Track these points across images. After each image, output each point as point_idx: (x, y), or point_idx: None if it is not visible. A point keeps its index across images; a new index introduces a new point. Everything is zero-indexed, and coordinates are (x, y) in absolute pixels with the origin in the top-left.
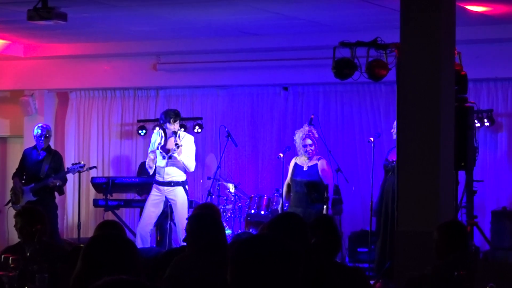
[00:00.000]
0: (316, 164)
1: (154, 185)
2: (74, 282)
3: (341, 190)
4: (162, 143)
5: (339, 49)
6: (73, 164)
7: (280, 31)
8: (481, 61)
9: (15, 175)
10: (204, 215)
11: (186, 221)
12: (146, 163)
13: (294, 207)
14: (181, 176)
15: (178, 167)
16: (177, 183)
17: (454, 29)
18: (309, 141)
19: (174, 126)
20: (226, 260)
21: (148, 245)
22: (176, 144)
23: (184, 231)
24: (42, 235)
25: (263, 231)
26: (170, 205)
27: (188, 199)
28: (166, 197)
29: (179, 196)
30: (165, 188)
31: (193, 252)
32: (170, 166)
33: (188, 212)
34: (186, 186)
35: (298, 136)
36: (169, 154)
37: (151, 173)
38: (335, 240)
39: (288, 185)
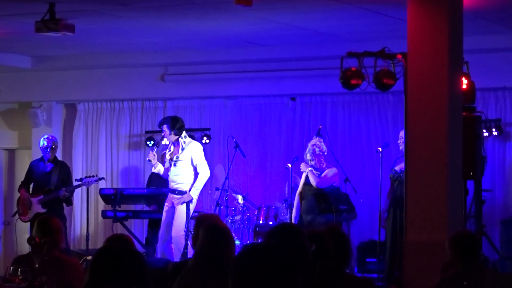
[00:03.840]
0: (325, 174)
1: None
2: None
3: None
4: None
5: (347, 59)
6: (86, 177)
7: (287, 42)
8: (489, 70)
9: (21, 187)
10: (209, 227)
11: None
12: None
13: (304, 215)
14: (186, 185)
15: (183, 175)
16: (181, 192)
17: (462, 38)
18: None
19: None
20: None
21: (166, 253)
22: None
23: (183, 241)
24: (53, 248)
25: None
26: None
27: (188, 211)
28: (172, 204)
29: (180, 206)
30: (172, 195)
31: (197, 264)
32: (174, 174)
33: (187, 224)
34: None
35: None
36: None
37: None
38: (345, 250)
39: (300, 194)
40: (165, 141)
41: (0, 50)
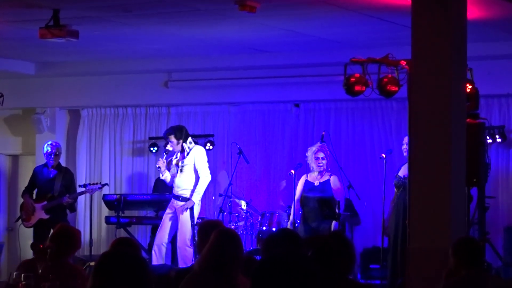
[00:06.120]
0: (328, 180)
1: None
2: None
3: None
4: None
5: (350, 66)
6: (90, 184)
7: (291, 48)
8: (493, 77)
9: (24, 193)
10: (221, 232)
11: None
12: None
13: (307, 223)
14: (190, 190)
15: (188, 180)
16: (185, 199)
17: (466, 45)
18: (321, 154)
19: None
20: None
21: (162, 258)
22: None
23: (190, 255)
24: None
25: (262, 247)
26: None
27: (192, 217)
28: (175, 210)
29: (184, 216)
30: (175, 202)
31: (203, 269)
32: (180, 179)
33: (193, 234)
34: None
35: (311, 151)
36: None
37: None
38: (348, 256)
39: (298, 202)
40: (168, 146)
41: (4, 56)
